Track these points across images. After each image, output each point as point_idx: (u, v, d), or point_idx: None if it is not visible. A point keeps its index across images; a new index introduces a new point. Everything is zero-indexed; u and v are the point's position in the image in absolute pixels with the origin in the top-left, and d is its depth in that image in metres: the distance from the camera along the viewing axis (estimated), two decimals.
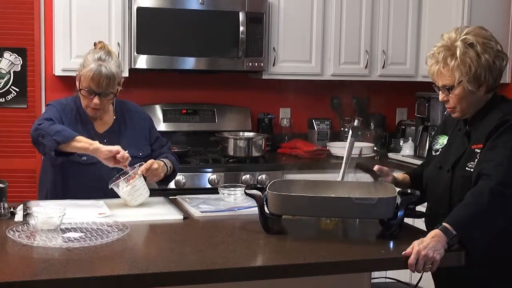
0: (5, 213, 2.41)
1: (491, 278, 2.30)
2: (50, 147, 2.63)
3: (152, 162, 2.73)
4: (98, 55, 2.73)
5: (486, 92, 2.30)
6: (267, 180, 3.83)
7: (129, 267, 1.92)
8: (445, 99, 2.35)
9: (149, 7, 3.99)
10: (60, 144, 2.61)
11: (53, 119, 2.72)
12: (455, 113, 2.36)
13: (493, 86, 2.31)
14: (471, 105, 2.32)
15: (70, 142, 2.61)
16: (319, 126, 4.69)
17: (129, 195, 2.63)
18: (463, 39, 2.27)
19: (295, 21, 4.32)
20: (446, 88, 2.31)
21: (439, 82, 2.33)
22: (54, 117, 2.74)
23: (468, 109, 2.34)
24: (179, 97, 4.52)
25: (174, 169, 2.93)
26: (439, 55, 2.30)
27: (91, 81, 2.70)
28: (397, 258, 2.08)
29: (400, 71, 4.56)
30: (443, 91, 2.34)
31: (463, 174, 2.30)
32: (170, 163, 2.90)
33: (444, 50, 2.29)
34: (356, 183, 2.49)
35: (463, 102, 2.31)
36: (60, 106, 2.83)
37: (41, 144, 2.67)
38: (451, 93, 2.31)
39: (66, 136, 2.62)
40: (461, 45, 2.26)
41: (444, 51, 2.29)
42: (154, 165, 2.74)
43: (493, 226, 2.15)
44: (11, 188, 2.52)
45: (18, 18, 4.16)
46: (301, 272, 2.03)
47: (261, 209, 2.28)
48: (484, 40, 2.27)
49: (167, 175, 2.88)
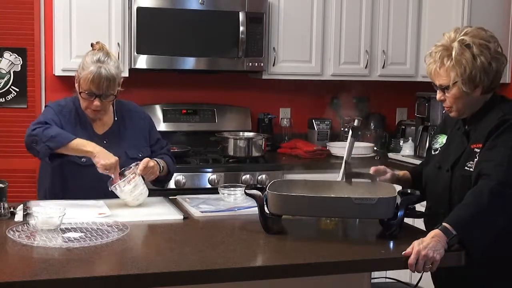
0: (5, 213, 2.41)
1: (491, 278, 2.30)
2: (43, 153, 2.62)
3: (148, 160, 2.72)
4: (97, 57, 2.71)
5: (482, 93, 2.30)
6: (267, 180, 3.83)
7: (129, 267, 1.92)
8: (442, 98, 2.36)
9: (149, 7, 3.99)
10: (53, 150, 2.61)
11: (48, 122, 2.70)
12: (452, 112, 2.37)
13: (490, 88, 2.31)
14: (467, 105, 2.33)
15: (65, 147, 2.61)
16: (319, 126, 4.68)
17: (131, 195, 2.63)
18: (460, 40, 2.27)
19: (295, 21, 4.32)
20: (442, 88, 2.32)
21: (436, 81, 2.34)
22: (51, 119, 2.72)
23: (464, 109, 2.34)
24: (179, 97, 4.52)
25: (168, 171, 2.91)
26: (436, 54, 2.31)
27: (91, 83, 2.69)
28: (397, 258, 2.08)
29: (400, 71, 4.56)
30: (440, 90, 2.34)
31: (463, 174, 2.30)
32: (164, 163, 2.88)
33: (442, 49, 2.30)
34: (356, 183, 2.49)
35: (459, 102, 2.32)
36: (58, 107, 2.81)
37: (34, 150, 2.66)
38: (447, 93, 2.32)
39: (59, 141, 2.61)
40: (458, 46, 2.26)
41: (442, 51, 2.30)
42: (150, 163, 2.73)
43: (493, 226, 2.15)
44: (11, 188, 2.52)
45: (18, 18, 4.16)
46: (301, 272, 2.03)
47: (261, 209, 2.27)
48: (481, 41, 2.27)
49: (161, 176, 2.86)
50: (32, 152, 2.70)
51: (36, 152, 2.67)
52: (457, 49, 2.26)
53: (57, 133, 2.65)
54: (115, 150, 2.70)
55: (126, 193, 2.62)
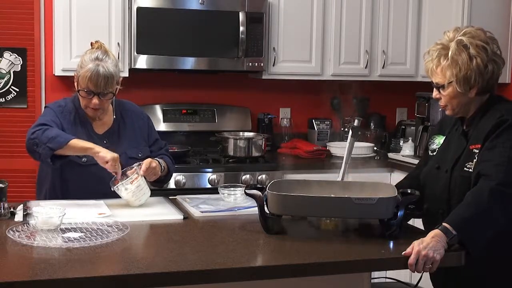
0: (5, 213, 2.41)
1: (491, 278, 2.30)
2: (45, 155, 2.62)
3: (150, 161, 2.73)
4: (95, 55, 2.71)
5: (477, 94, 2.31)
6: (267, 180, 3.83)
7: (129, 267, 1.91)
8: (437, 96, 2.37)
9: (149, 7, 3.99)
10: (54, 151, 2.61)
11: (48, 123, 2.69)
12: (447, 110, 2.38)
13: (486, 89, 2.31)
14: (461, 105, 2.33)
15: (66, 147, 2.61)
16: (319, 126, 4.68)
17: (133, 195, 2.63)
18: (458, 40, 2.28)
19: (295, 21, 4.32)
20: (438, 86, 2.33)
21: (433, 79, 2.35)
22: (50, 120, 2.72)
23: (459, 109, 2.35)
24: (179, 97, 4.52)
25: (168, 170, 2.92)
26: (434, 53, 2.32)
27: (89, 81, 2.68)
28: (397, 258, 2.08)
29: (400, 71, 4.56)
30: (436, 88, 2.35)
31: (462, 175, 2.30)
32: (164, 163, 2.88)
33: (440, 48, 2.31)
34: (356, 183, 2.49)
35: (454, 102, 2.33)
36: (58, 108, 2.81)
37: (36, 153, 2.66)
38: (443, 91, 2.32)
39: (60, 141, 2.61)
40: (455, 46, 2.27)
41: (439, 50, 2.31)
42: (153, 164, 2.73)
43: (493, 226, 2.15)
44: (11, 188, 2.52)
45: (18, 18, 4.16)
46: (301, 272, 2.03)
47: (261, 209, 2.27)
48: (479, 42, 2.27)
49: (161, 176, 2.86)
50: (34, 156, 2.69)
51: (37, 155, 2.66)
52: (454, 49, 2.26)
53: (57, 134, 2.64)
54: (115, 150, 2.70)
55: (129, 193, 2.62)
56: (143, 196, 2.66)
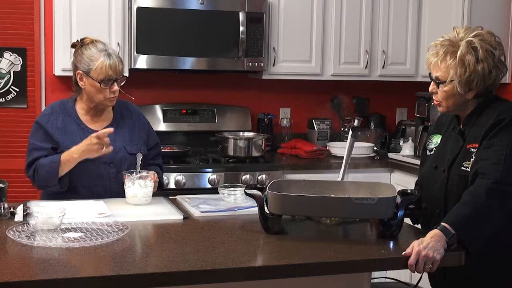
0: (5, 213, 2.41)
1: (491, 278, 2.30)
2: (58, 190, 2.73)
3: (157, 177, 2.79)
4: (100, 47, 2.77)
5: (475, 97, 2.31)
6: (267, 180, 3.83)
7: (129, 267, 1.91)
8: (434, 90, 2.36)
9: (149, 7, 3.99)
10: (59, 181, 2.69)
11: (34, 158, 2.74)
12: (440, 107, 2.38)
13: (483, 93, 2.31)
14: (456, 104, 2.33)
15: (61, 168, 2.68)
16: (319, 126, 4.69)
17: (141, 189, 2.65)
18: (469, 40, 2.27)
19: (295, 21, 4.32)
20: (438, 81, 2.32)
21: (433, 72, 2.34)
22: (38, 147, 2.75)
23: (453, 108, 2.35)
24: (179, 97, 4.52)
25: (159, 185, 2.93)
26: (441, 48, 2.30)
27: (110, 69, 2.73)
28: (397, 258, 2.08)
29: (400, 71, 4.56)
30: (434, 82, 2.34)
31: (459, 174, 2.30)
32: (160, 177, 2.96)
33: (448, 44, 2.29)
34: (356, 183, 2.49)
35: (449, 100, 2.32)
36: (44, 118, 2.82)
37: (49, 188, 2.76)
38: (441, 87, 2.32)
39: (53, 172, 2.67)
40: (465, 46, 2.26)
41: (448, 46, 2.29)
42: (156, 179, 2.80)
43: (491, 225, 2.15)
44: (11, 188, 2.53)
45: (18, 18, 4.16)
46: (301, 272, 2.03)
47: (261, 209, 2.28)
48: (488, 47, 2.26)
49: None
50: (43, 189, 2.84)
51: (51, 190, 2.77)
52: (464, 49, 2.25)
53: (46, 169, 2.70)
54: (114, 145, 2.73)
55: (143, 188, 2.65)
56: (149, 197, 2.69)
